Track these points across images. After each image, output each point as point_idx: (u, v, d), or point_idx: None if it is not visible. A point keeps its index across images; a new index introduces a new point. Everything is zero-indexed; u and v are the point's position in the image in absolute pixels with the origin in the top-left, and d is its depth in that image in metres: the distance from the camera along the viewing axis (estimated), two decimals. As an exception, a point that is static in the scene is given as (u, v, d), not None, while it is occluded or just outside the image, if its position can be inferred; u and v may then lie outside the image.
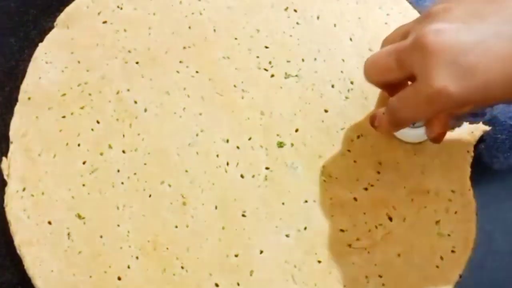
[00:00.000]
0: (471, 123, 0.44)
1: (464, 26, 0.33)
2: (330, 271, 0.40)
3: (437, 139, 0.39)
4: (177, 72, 0.46)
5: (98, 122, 0.45)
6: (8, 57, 0.49)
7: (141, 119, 0.45)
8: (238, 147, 0.44)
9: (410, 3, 0.49)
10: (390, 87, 0.38)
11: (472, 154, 0.43)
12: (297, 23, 0.48)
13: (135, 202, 0.42)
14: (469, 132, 0.43)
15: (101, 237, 0.41)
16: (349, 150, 0.43)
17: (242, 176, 0.43)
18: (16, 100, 0.46)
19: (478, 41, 0.32)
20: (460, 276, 0.40)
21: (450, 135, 0.43)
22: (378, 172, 0.43)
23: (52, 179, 0.43)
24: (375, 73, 0.38)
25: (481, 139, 0.44)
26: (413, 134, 0.42)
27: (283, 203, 0.42)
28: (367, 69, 0.38)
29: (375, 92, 0.45)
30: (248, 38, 0.47)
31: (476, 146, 0.43)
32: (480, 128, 0.44)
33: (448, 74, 0.32)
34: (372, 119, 0.42)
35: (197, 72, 0.46)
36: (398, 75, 0.36)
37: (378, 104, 0.44)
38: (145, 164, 0.44)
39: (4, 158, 0.44)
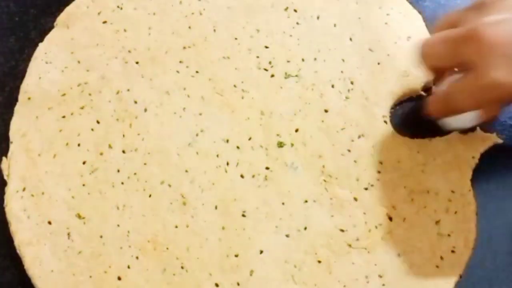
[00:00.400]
0: (484, 131, 0.43)
1: None
2: (330, 271, 0.40)
3: (491, 120, 0.40)
4: (177, 72, 0.46)
5: (98, 122, 0.45)
6: (8, 57, 0.49)
7: (141, 119, 0.45)
8: (238, 147, 0.44)
9: (410, 3, 0.49)
10: (439, 72, 0.40)
11: (477, 161, 0.43)
12: (297, 23, 0.48)
13: (135, 202, 0.42)
14: (480, 139, 0.43)
15: (101, 237, 0.41)
16: (349, 150, 0.43)
17: (242, 176, 0.43)
18: (16, 100, 0.46)
19: None
20: (460, 276, 0.40)
21: (460, 137, 0.43)
22: (378, 172, 0.43)
23: (52, 179, 0.43)
24: (431, 58, 0.39)
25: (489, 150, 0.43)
26: (462, 119, 0.41)
27: (283, 203, 0.42)
28: (424, 52, 0.39)
29: (375, 92, 0.45)
30: (248, 38, 0.47)
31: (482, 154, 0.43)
32: (492, 139, 0.43)
33: (505, 65, 0.33)
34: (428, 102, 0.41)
35: (197, 72, 0.46)
36: (451, 62, 0.37)
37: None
38: (145, 164, 0.43)
39: (4, 158, 0.44)
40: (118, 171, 0.43)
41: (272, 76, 0.46)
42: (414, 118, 0.45)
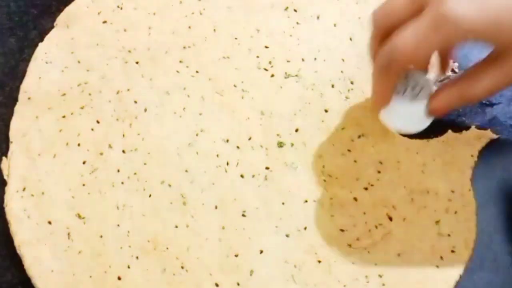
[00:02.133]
0: (479, 128, 0.44)
1: None
2: (330, 271, 0.40)
3: (437, 111, 0.36)
4: (177, 72, 0.46)
5: (98, 122, 0.45)
6: (8, 57, 0.49)
7: (141, 119, 0.45)
8: (238, 147, 0.44)
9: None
10: (385, 32, 0.36)
11: (476, 159, 0.43)
12: (297, 23, 0.48)
13: (135, 202, 0.42)
14: (476, 137, 0.43)
15: (101, 237, 0.41)
16: (349, 150, 0.43)
17: (242, 176, 0.43)
18: (16, 100, 0.46)
19: None
20: (460, 276, 0.40)
21: (457, 137, 0.43)
22: (379, 172, 0.43)
23: (52, 179, 0.43)
24: (384, 13, 0.35)
25: (486, 146, 0.44)
26: (412, 111, 0.39)
27: (283, 203, 0.42)
28: (377, 10, 0.36)
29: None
30: (248, 38, 0.47)
31: (480, 151, 0.43)
32: (487, 135, 0.43)
33: None
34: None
35: (197, 72, 0.46)
36: (408, 11, 0.33)
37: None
38: (145, 164, 0.44)
39: (4, 158, 0.44)
40: (118, 171, 0.43)
41: (272, 76, 0.46)
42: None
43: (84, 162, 0.44)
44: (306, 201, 0.42)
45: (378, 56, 0.35)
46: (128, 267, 0.41)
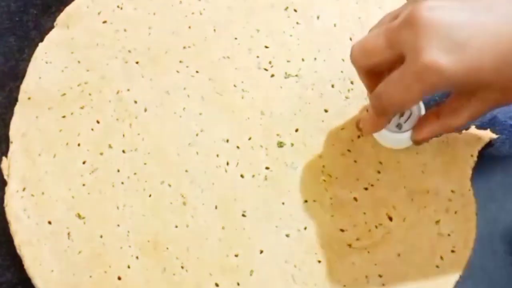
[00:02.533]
0: (479, 128, 0.44)
1: (458, 3, 0.33)
2: (330, 271, 0.40)
3: (419, 142, 0.38)
4: (177, 72, 0.46)
5: (98, 122, 0.45)
6: (8, 57, 0.49)
7: (141, 119, 0.45)
8: (238, 147, 0.44)
9: (410, 3, 0.49)
10: (375, 76, 0.37)
11: (476, 158, 0.43)
12: (297, 23, 0.48)
13: (135, 202, 0.42)
14: (476, 137, 0.43)
15: (101, 237, 0.41)
16: (349, 150, 0.43)
17: (242, 176, 0.43)
18: (16, 100, 0.46)
19: (472, 18, 0.32)
20: (460, 276, 0.40)
21: (457, 137, 0.43)
22: (378, 172, 0.43)
23: (52, 179, 0.43)
24: (362, 56, 0.36)
25: (486, 146, 0.44)
26: (398, 138, 0.41)
27: (283, 203, 0.42)
28: (354, 51, 0.37)
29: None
30: (248, 38, 0.47)
31: (480, 151, 0.43)
32: (487, 135, 0.43)
33: (440, 48, 0.31)
34: (358, 121, 0.41)
35: (197, 72, 0.46)
36: (387, 55, 0.34)
37: (364, 108, 0.44)
38: (145, 164, 0.44)
39: (4, 158, 0.44)
40: (118, 171, 0.43)
41: (272, 76, 0.46)
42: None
43: (84, 162, 0.44)
44: (306, 201, 0.42)
45: (370, 102, 0.37)
46: (128, 267, 0.41)
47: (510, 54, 0.32)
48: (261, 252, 0.41)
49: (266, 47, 0.47)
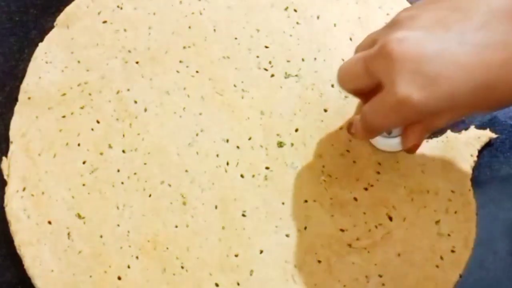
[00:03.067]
0: (478, 128, 0.44)
1: (428, 34, 0.33)
2: (330, 271, 0.40)
3: (411, 150, 0.38)
4: (177, 72, 0.46)
5: (98, 122, 0.45)
6: (8, 57, 0.49)
7: (141, 119, 0.45)
8: (238, 147, 0.44)
9: (410, 3, 0.49)
10: (364, 95, 0.38)
11: (476, 158, 0.43)
12: (297, 23, 0.48)
13: (135, 202, 0.42)
14: (475, 137, 0.43)
15: (101, 237, 0.41)
16: (348, 150, 0.43)
17: (242, 176, 0.43)
18: (16, 100, 0.46)
19: (441, 50, 0.32)
20: (460, 276, 0.40)
21: (457, 137, 0.43)
22: (378, 172, 0.43)
23: (52, 179, 0.43)
24: (346, 81, 0.38)
25: (486, 145, 0.44)
26: (390, 143, 0.41)
27: (283, 203, 0.42)
28: (339, 77, 0.38)
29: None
30: (248, 38, 0.47)
31: (479, 151, 0.43)
32: (487, 135, 0.43)
33: (411, 83, 0.32)
34: (349, 126, 0.41)
35: (197, 72, 0.46)
36: (367, 82, 0.36)
37: (357, 111, 0.44)
38: (145, 164, 0.44)
39: (4, 158, 0.44)
40: (118, 171, 0.43)
41: (272, 76, 0.46)
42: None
43: (84, 162, 0.44)
44: (306, 201, 0.42)
45: (359, 120, 0.38)
46: (128, 267, 0.41)
47: (482, 86, 0.32)
48: (261, 252, 0.41)
49: (266, 47, 0.47)
